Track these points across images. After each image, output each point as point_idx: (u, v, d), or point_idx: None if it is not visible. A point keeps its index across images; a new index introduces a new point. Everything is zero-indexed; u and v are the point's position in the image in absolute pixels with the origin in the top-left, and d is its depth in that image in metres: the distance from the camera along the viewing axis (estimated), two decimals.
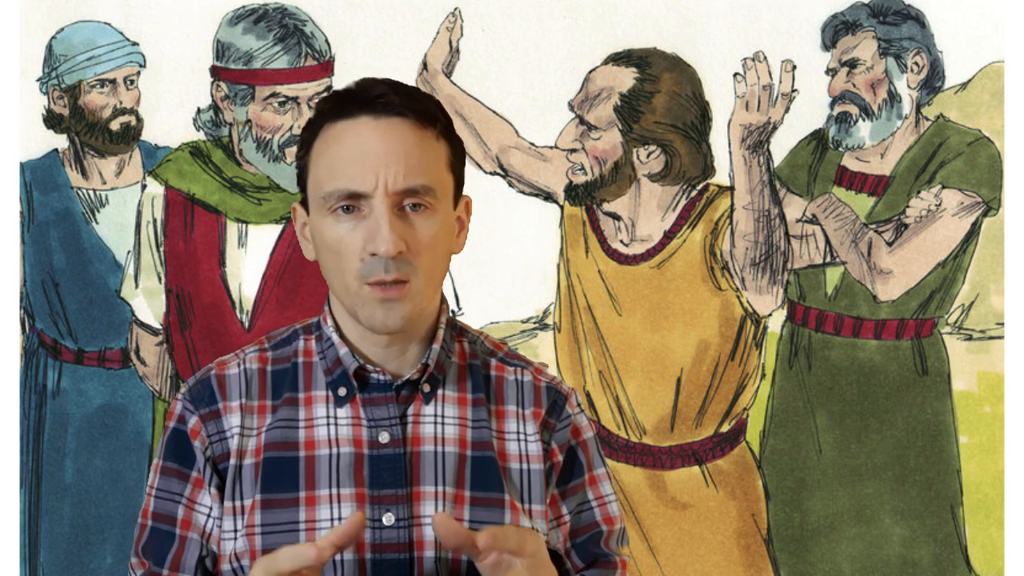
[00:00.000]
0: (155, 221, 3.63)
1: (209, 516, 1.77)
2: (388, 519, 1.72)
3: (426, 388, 1.79)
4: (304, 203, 1.80)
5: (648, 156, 3.51)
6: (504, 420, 1.83)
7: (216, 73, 3.59)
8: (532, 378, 1.87)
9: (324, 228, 1.73)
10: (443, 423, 1.78)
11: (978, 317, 3.53)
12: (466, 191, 1.88)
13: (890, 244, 3.49)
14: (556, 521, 1.84)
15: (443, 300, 1.85)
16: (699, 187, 3.55)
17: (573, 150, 3.55)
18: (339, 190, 1.70)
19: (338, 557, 1.70)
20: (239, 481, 1.75)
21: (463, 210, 1.84)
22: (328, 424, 1.76)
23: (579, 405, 1.91)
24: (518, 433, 1.82)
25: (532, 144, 3.60)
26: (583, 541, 1.86)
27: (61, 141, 3.69)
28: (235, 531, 1.75)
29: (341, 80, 3.53)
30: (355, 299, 1.73)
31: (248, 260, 3.59)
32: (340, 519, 1.71)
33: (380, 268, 1.69)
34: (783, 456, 3.55)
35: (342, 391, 1.77)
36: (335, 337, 1.79)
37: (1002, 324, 3.49)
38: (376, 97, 1.72)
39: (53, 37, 3.65)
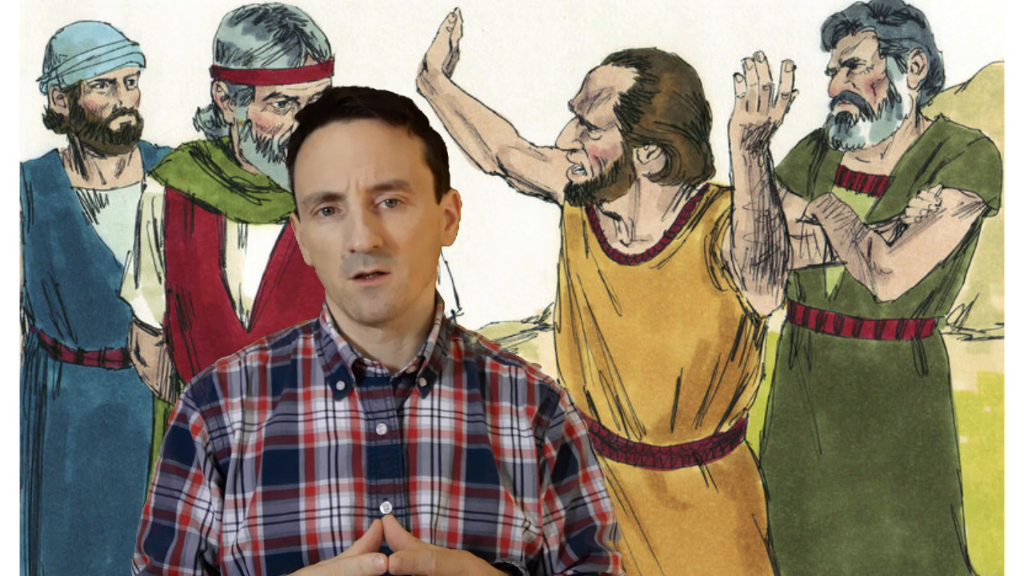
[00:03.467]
0: (155, 221, 3.63)
1: (208, 511, 1.81)
2: (386, 507, 1.76)
3: (422, 382, 1.83)
4: (298, 211, 1.86)
5: (648, 156, 3.51)
6: (498, 416, 1.87)
7: (216, 73, 3.59)
8: (526, 376, 1.92)
9: (310, 231, 1.80)
10: (439, 416, 1.82)
11: (978, 317, 3.53)
12: (466, 191, 1.94)
13: (890, 244, 3.49)
14: (551, 516, 1.88)
15: (438, 298, 1.90)
16: (699, 187, 3.55)
17: (573, 150, 3.55)
18: (316, 193, 1.77)
19: (337, 544, 1.75)
20: (240, 475, 1.80)
21: (451, 203, 1.88)
22: (327, 417, 1.80)
23: (572, 403, 1.95)
24: (512, 428, 1.87)
25: (532, 144, 3.60)
26: (578, 535, 1.90)
27: (61, 141, 3.70)
28: (236, 523, 1.78)
29: (341, 80, 3.54)
30: (341, 295, 1.79)
31: (248, 260, 3.60)
32: (339, 507, 1.76)
33: (359, 263, 1.75)
34: (783, 456, 3.55)
35: (340, 385, 1.82)
36: (333, 333, 1.84)
37: (1002, 324, 3.49)
38: (342, 102, 1.79)
39: (53, 37, 3.65)
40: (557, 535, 1.88)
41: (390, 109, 1.80)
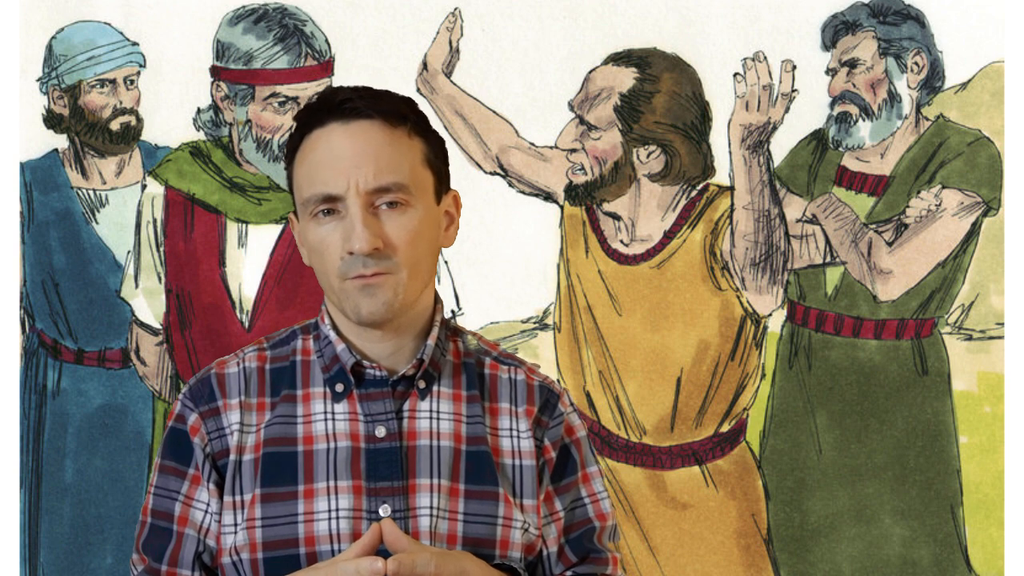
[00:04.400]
0: (155, 221, 3.63)
1: (207, 512, 1.80)
2: (384, 510, 1.76)
3: (421, 384, 1.82)
4: (296, 211, 1.86)
5: (648, 156, 3.51)
6: (497, 417, 1.87)
7: (216, 73, 3.59)
8: (525, 377, 1.91)
9: (308, 232, 1.79)
10: (438, 418, 1.82)
11: (978, 317, 3.53)
12: (466, 191, 1.93)
13: (890, 244, 3.49)
14: (551, 517, 1.87)
15: (437, 299, 1.89)
16: (699, 187, 3.55)
17: (573, 150, 3.55)
18: (315, 195, 1.76)
19: (336, 547, 1.74)
20: (239, 476, 1.79)
21: (450, 205, 1.88)
22: (326, 419, 1.80)
23: (571, 404, 1.94)
24: (511, 430, 1.86)
25: (532, 144, 3.60)
26: (577, 537, 1.89)
27: (61, 141, 3.70)
28: (235, 525, 1.78)
29: (341, 80, 3.54)
30: (340, 295, 1.78)
31: (248, 260, 3.60)
32: (337, 510, 1.75)
33: (359, 265, 1.74)
34: (783, 456, 3.55)
35: (339, 387, 1.81)
36: (332, 335, 1.83)
37: (1002, 324, 3.49)
38: (342, 102, 1.78)
39: (53, 37, 3.65)
40: (556, 536, 1.87)
41: (390, 110, 1.79)
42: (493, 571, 1.76)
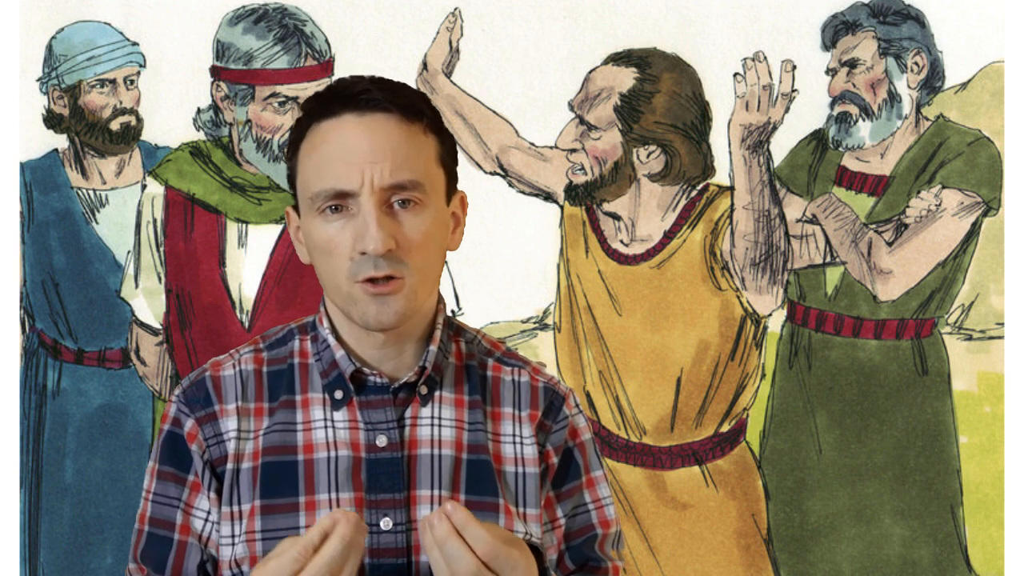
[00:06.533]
0: (155, 221, 3.63)
1: (207, 520, 1.75)
2: (386, 524, 1.70)
3: (423, 390, 1.76)
4: (296, 206, 1.77)
5: (648, 156, 3.51)
6: (500, 422, 1.80)
7: (216, 73, 3.59)
8: (529, 379, 1.84)
9: (314, 229, 1.70)
10: (440, 425, 1.75)
11: (978, 317, 3.52)
12: (466, 191, 1.85)
13: (890, 244, 3.49)
14: (551, 524, 1.81)
15: (440, 300, 1.82)
16: (699, 187, 3.54)
17: (573, 150, 3.55)
18: (326, 190, 1.67)
19: None
20: (237, 486, 1.73)
21: (458, 206, 1.80)
22: (326, 427, 1.73)
23: (577, 406, 1.87)
24: (514, 436, 1.79)
25: (532, 144, 3.60)
26: (578, 544, 1.84)
27: (61, 141, 3.69)
28: (234, 536, 1.72)
29: None
30: (347, 299, 1.69)
31: (248, 260, 3.59)
32: None
33: (370, 266, 1.65)
34: (783, 456, 3.55)
35: (339, 394, 1.75)
36: (331, 339, 1.76)
37: (1002, 324, 3.49)
38: (358, 94, 1.68)
39: (53, 37, 3.65)
40: (556, 544, 1.82)
41: (408, 104, 1.70)
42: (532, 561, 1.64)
